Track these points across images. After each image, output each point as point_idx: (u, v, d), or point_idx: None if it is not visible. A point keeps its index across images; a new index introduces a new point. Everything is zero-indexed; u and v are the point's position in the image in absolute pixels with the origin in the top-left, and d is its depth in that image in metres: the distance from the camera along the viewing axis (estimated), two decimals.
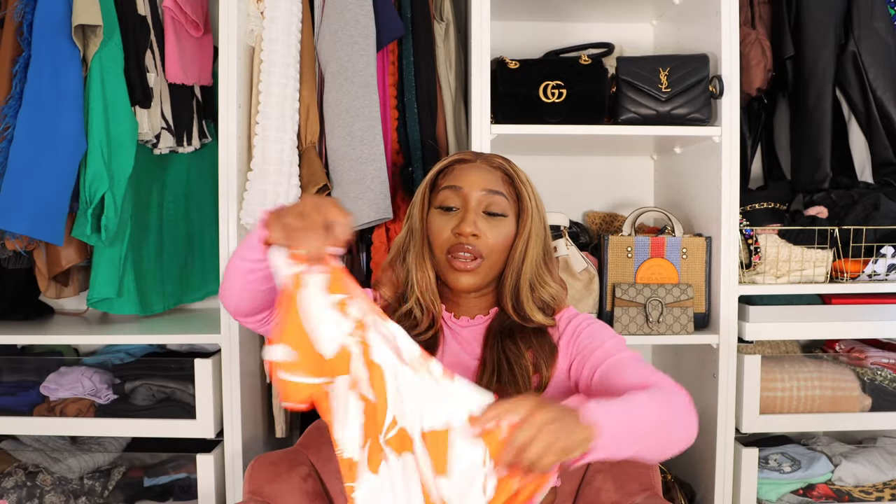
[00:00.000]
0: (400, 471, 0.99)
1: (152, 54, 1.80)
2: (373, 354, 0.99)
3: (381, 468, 1.00)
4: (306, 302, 0.98)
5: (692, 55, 1.80)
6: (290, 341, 0.99)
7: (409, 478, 0.99)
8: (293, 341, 0.99)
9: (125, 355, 1.95)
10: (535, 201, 1.24)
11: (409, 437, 0.98)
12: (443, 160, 1.28)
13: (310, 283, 0.98)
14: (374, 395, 0.99)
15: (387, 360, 0.99)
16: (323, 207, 0.97)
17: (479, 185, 1.21)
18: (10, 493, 1.81)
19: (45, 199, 1.65)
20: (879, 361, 1.90)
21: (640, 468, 1.45)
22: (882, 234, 1.80)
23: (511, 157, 1.31)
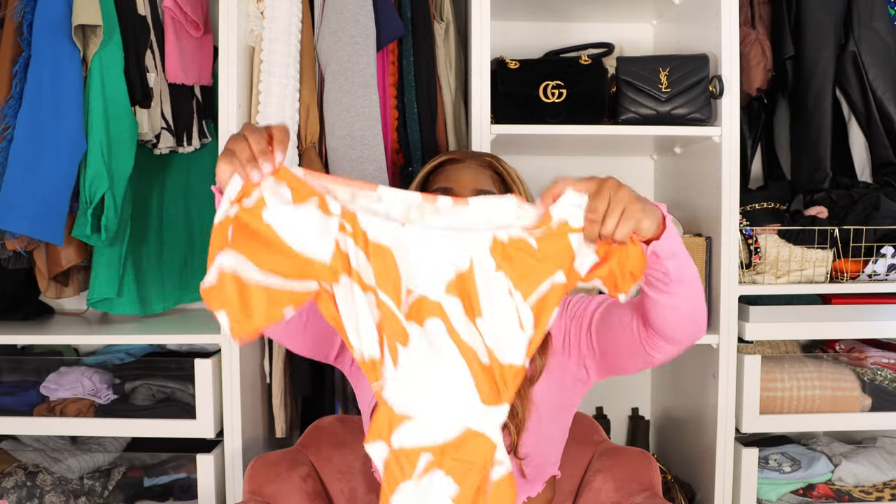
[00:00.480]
0: (426, 345, 0.97)
1: (152, 54, 1.80)
2: (372, 236, 0.97)
3: (402, 357, 0.97)
4: (280, 220, 0.95)
5: (692, 55, 1.80)
6: (262, 259, 0.95)
7: (438, 346, 0.97)
8: (268, 257, 0.95)
9: (125, 355, 1.95)
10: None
11: (431, 300, 0.97)
12: (432, 160, 1.28)
13: (272, 202, 0.95)
14: (382, 279, 0.97)
15: (388, 234, 0.97)
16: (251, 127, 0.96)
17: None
18: (10, 493, 1.81)
19: (45, 199, 1.65)
20: (879, 361, 1.90)
21: (641, 468, 1.45)
22: (882, 234, 1.80)
23: (511, 157, 1.32)
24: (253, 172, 0.94)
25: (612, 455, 1.50)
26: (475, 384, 0.97)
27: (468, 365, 0.97)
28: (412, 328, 0.98)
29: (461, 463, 0.97)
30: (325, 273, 0.97)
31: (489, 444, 0.97)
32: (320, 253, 0.97)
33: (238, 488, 1.72)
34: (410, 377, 0.98)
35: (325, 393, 1.89)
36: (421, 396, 0.98)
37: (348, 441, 1.56)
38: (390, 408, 0.98)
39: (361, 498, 1.51)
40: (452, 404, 0.98)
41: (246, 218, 0.96)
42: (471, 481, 0.96)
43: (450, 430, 0.97)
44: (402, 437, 0.98)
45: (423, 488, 0.96)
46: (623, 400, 2.30)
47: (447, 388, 0.98)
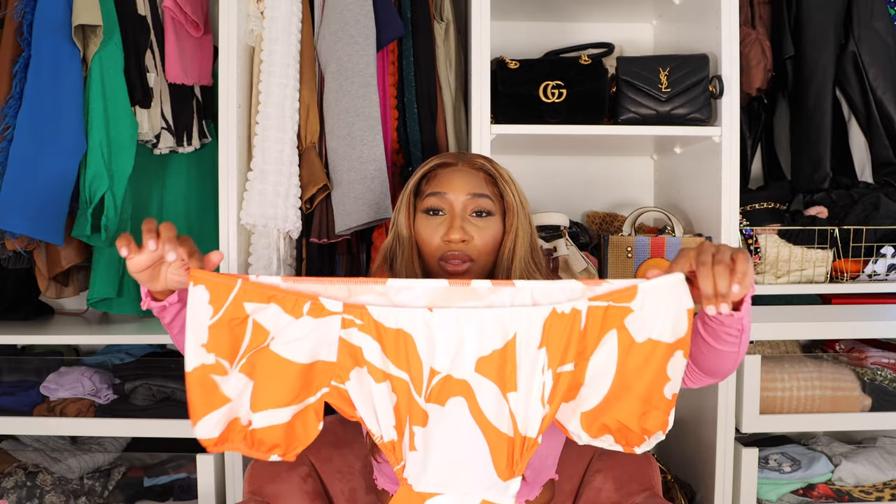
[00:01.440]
0: (446, 425, 1.01)
1: (152, 54, 1.80)
2: (389, 324, 1.00)
3: (418, 439, 1.01)
4: (279, 341, 0.98)
5: (692, 55, 1.80)
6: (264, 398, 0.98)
7: (458, 425, 1.00)
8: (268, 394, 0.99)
9: (125, 355, 1.95)
10: (520, 199, 1.25)
11: (457, 379, 1.00)
12: (424, 165, 1.28)
13: (256, 316, 0.98)
14: (401, 365, 1.00)
15: (409, 320, 0.99)
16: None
17: (464, 190, 1.22)
18: (10, 493, 1.81)
19: (45, 199, 1.65)
20: (879, 361, 1.90)
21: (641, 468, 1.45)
22: (882, 234, 1.80)
23: (511, 157, 1.32)
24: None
25: (612, 455, 1.50)
26: (492, 459, 1.02)
27: (487, 441, 1.02)
28: (432, 409, 1.01)
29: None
30: (334, 372, 1.00)
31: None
32: (322, 355, 1.00)
33: (238, 488, 1.72)
34: (429, 456, 1.02)
35: None
36: (440, 474, 1.03)
37: (348, 441, 1.56)
38: (410, 487, 1.03)
39: (362, 498, 1.50)
40: (470, 479, 1.02)
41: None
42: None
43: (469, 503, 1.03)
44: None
45: None
46: None
47: (465, 464, 1.02)
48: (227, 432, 0.99)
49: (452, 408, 1.00)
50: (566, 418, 1.03)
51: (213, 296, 0.96)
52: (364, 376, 1.01)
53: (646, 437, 1.01)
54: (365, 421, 1.02)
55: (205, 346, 0.96)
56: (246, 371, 0.98)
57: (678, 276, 0.97)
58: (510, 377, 1.00)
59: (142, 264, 0.97)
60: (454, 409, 1.00)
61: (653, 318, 0.97)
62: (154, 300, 1.04)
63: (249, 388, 0.99)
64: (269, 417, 0.99)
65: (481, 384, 1.00)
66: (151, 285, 1.00)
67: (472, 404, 1.01)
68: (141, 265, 0.97)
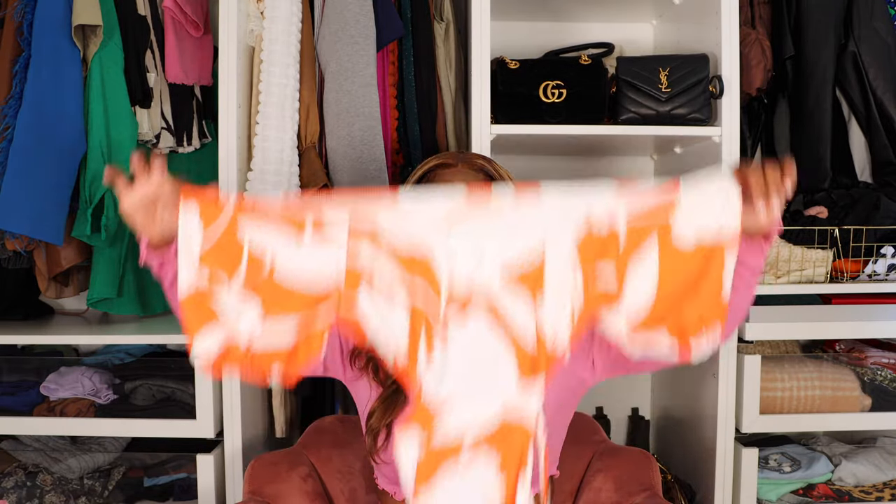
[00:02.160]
0: (468, 339, 0.99)
1: (152, 54, 1.80)
2: (401, 240, 0.98)
3: (437, 351, 0.99)
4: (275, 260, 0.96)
5: (692, 55, 1.80)
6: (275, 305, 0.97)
7: (480, 340, 0.99)
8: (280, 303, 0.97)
9: (125, 355, 1.95)
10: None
11: (478, 296, 0.99)
12: (422, 165, 1.27)
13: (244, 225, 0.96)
14: (415, 286, 0.98)
15: (422, 240, 0.98)
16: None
17: None
18: (10, 493, 1.81)
19: (45, 199, 1.65)
20: (879, 361, 1.90)
21: (641, 468, 1.45)
22: (882, 234, 1.80)
23: (511, 157, 1.31)
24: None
25: (612, 455, 1.50)
26: (517, 375, 0.99)
27: (511, 355, 0.99)
28: (452, 328, 0.99)
29: (503, 445, 1.00)
30: (343, 291, 0.98)
31: (525, 432, 1.00)
32: (328, 272, 0.98)
33: (238, 488, 1.72)
34: (447, 377, 1.00)
35: (325, 393, 1.89)
36: (458, 394, 1.00)
37: (348, 441, 1.56)
38: (426, 408, 1.00)
39: (362, 498, 1.50)
40: (491, 399, 1.00)
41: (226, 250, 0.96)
42: (513, 459, 1.00)
43: (489, 424, 1.00)
44: (443, 436, 1.00)
45: (471, 469, 0.99)
46: (623, 400, 2.30)
47: (486, 383, 1.00)
48: (226, 354, 0.97)
49: (473, 326, 0.99)
50: (611, 321, 1.00)
51: (205, 215, 0.95)
52: (375, 296, 0.99)
53: (703, 327, 0.97)
54: (376, 342, 1.00)
55: (197, 270, 0.95)
56: (245, 295, 0.96)
57: (719, 177, 0.97)
58: (539, 293, 0.98)
59: (135, 202, 0.96)
60: (475, 327, 0.99)
61: (697, 207, 0.96)
62: (153, 252, 1.02)
63: (248, 308, 0.97)
64: (275, 325, 0.97)
65: (508, 300, 0.98)
66: (147, 229, 0.98)
67: (494, 314, 0.99)
68: (134, 203, 0.96)
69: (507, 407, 1.00)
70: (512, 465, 0.99)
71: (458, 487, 0.99)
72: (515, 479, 0.99)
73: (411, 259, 0.98)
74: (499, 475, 0.99)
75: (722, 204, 0.95)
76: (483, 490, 0.99)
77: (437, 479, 0.99)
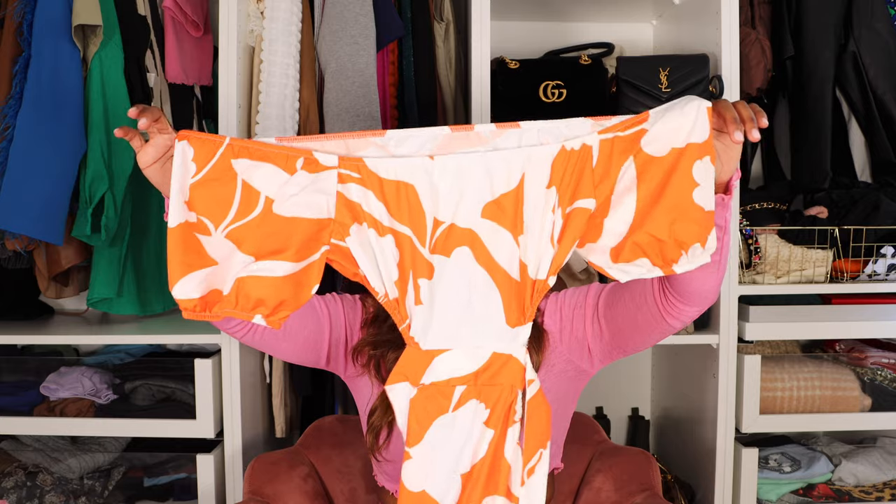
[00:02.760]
0: (452, 275, 1.00)
1: (152, 54, 1.81)
2: (387, 175, 0.98)
3: (424, 292, 1.00)
4: (263, 187, 0.96)
5: (692, 55, 1.80)
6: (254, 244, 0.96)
7: (466, 273, 1.00)
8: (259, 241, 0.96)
9: (125, 355, 1.95)
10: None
11: (461, 227, 0.99)
12: None
13: (242, 168, 0.96)
14: (402, 218, 0.99)
15: (409, 170, 0.98)
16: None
17: None
18: (10, 493, 1.81)
19: (45, 199, 1.65)
20: (879, 361, 1.90)
21: (641, 468, 1.45)
22: (882, 234, 1.80)
23: None
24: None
25: (612, 455, 1.50)
26: (503, 306, 1.00)
27: (497, 286, 1.00)
28: (437, 260, 1.00)
29: (493, 387, 1.01)
30: (333, 228, 0.98)
31: (517, 365, 1.01)
32: (319, 211, 0.98)
33: (238, 488, 1.72)
34: (436, 311, 1.01)
35: (325, 392, 1.89)
36: (447, 328, 1.01)
37: (348, 441, 1.56)
38: (416, 345, 1.02)
39: (362, 498, 1.51)
40: (479, 331, 1.01)
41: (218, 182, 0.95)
42: (502, 403, 1.00)
43: (479, 356, 1.01)
44: (434, 373, 1.01)
45: (460, 419, 1.00)
46: (623, 400, 2.30)
47: (474, 315, 1.01)
48: (209, 298, 0.96)
49: (458, 257, 1.00)
50: (596, 256, 0.98)
51: (198, 152, 0.95)
52: (364, 232, 0.99)
53: (682, 251, 0.93)
54: (368, 278, 1.01)
55: (187, 203, 0.94)
56: (234, 237, 0.96)
57: (689, 96, 0.94)
58: (519, 219, 0.98)
59: (149, 156, 0.98)
60: (460, 258, 1.00)
61: (669, 131, 0.93)
62: None
63: (236, 255, 0.96)
64: (263, 268, 0.96)
65: (489, 229, 0.99)
66: (165, 186, 1.00)
67: (479, 252, 0.99)
68: (149, 157, 0.98)
69: (497, 335, 1.01)
70: (501, 408, 1.00)
71: (451, 423, 1.00)
72: (506, 415, 1.00)
73: (398, 183, 0.99)
74: (489, 421, 1.00)
75: (692, 122, 0.92)
76: (472, 427, 1.00)
77: (430, 423, 1.00)
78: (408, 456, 1.01)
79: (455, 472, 1.01)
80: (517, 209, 0.99)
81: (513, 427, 1.01)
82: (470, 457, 1.01)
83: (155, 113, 0.97)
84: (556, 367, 1.22)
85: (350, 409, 1.87)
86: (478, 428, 1.01)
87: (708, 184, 0.92)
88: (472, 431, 1.01)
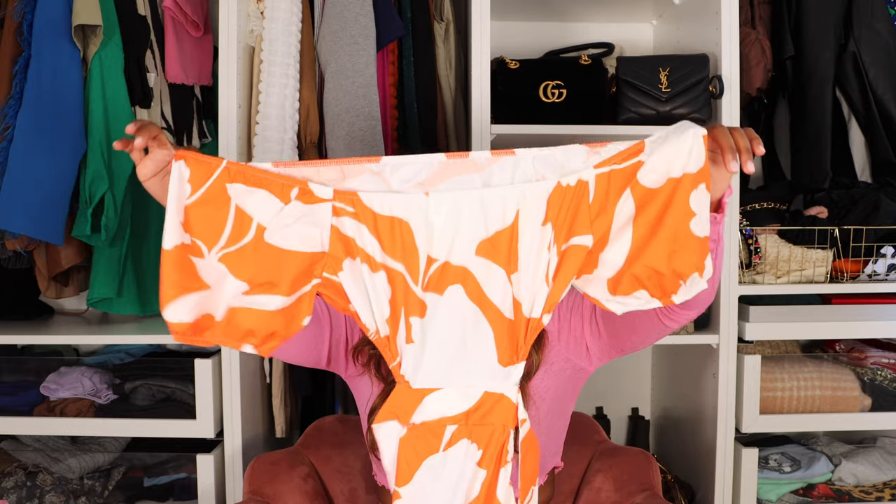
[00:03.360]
0: (445, 313, 0.99)
1: (152, 54, 1.80)
2: (382, 211, 0.97)
3: (415, 330, 0.99)
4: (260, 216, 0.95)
5: (692, 55, 1.80)
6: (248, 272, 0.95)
7: (458, 312, 0.99)
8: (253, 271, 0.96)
9: (125, 355, 1.95)
10: None
11: (455, 266, 0.98)
12: None
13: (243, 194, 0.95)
14: (396, 255, 0.98)
15: (404, 206, 0.97)
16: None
17: None
18: (10, 493, 1.81)
19: (46, 199, 1.65)
20: (879, 361, 1.90)
21: (641, 468, 1.45)
22: (882, 234, 1.80)
23: None
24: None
25: (612, 455, 1.50)
26: (495, 345, 0.99)
27: (490, 324, 0.99)
28: (430, 298, 0.99)
29: (484, 427, 1.00)
30: (326, 262, 0.97)
31: (509, 404, 1.00)
32: (312, 243, 0.97)
33: (238, 488, 1.72)
34: (427, 349, 1.00)
35: (325, 392, 1.89)
36: (439, 367, 1.00)
37: (348, 441, 1.56)
38: (407, 384, 1.01)
39: (362, 498, 1.51)
40: (471, 370, 1.00)
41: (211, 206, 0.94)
42: (494, 443, 1.00)
43: (470, 395, 1.00)
44: (424, 412, 1.00)
45: (451, 458, 0.99)
46: (623, 400, 2.30)
47: (466, 354, 1.00)
48: (201, 323, 0.95)
49: (451, 296, 0.99)
50: (592, 289, 0.97)
51: (194, 174, 0.94)
52: (357, 267, 0.98)
53: (680, 281, 0.93)
54: (359, 314, 1.00)
55: (182, 224, 0.94)
56: (228, 262, 0.95)
57: (685, 122, 0.93)
58: (513, 257, 0.97)
59: (148, 170, 0.98)
60: (453, 297, 0.99)
61: (665, 161, 0.92)
62: None
63: (228, 280, 0.95)
64: (256, 302, 0.96)
65: (483, 268, 0.98)
66: (163, 198, 1.00)
67: (472, 290, 0.98)
68: (148, 171, 0.98)
69: (489, 374, 1.00)
70: (494, 441, 1.00)
71: (441, 464, 1.00)
72: (499, 456, 1.00)
73: (392, 219, 0.98)
74: (479, 452, 1.00)
75: (687, 152, 0.92)
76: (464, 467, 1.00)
77: (419, 463, 1.00)
78: (397, 496, 1.00)
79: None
80: (511, 246, 0.98)
81: (505, 467, 1.00)
82: (463, 498, 1.00)
83: (152, 130, 0.97)
84: (555, 365, 1.22)
85: (350, 409, 1.87)
86: (470, 468, 1.00)
87: (704, 211, 0.92)
88: (465, 472, 1.00)
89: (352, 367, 1.26)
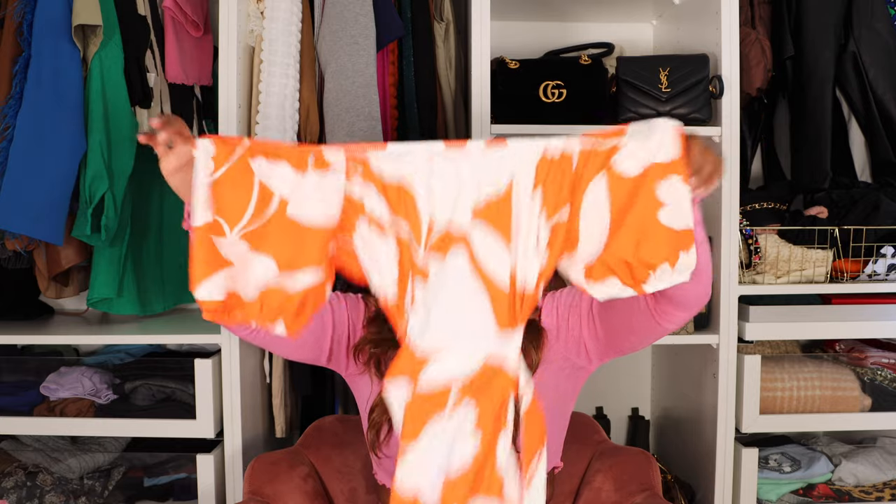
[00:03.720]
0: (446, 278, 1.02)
1: (152, 54, 1.80)
2: (388, 179, 1.01)
3: (418, 295, 1.02)
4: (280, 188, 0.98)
5: (692, 55, 1.80)
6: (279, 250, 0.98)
7: (459, 278, 1.02)
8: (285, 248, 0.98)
9: (125, 355, 1.95)
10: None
11: (455, 232, 1.01)
12: None
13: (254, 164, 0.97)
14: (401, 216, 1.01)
15: (408, 172, 1.01)
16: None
17: None
18: (10, 493, 1.81)
19: (45, 199, 1.65)
20: (879, 361, 1.90)
21: (641, 468, 1.45)
22: (882, 234, 1.80)
23: None
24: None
25: (612, 455, 1.50)
26: (493, 309, 1.02)
27: (488, 292, 1.01)
28: (434, 261, 1.02)
29: (485, 390, 1.02)
30: (341, 226, 1.01)
31: (511, 368, 1.03)
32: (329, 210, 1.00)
33: (238, 488, 1.72)
34: (432, 312, 1.03)
35: (325, 392, 1.89)
36: (441, 332, 1.03)
37: (348, 441, 1.56)
38: (412, 352, 1.03)
39: (362, 498, 1.51)
40: (472, 335, 1.03)
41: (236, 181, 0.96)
42: (493, 406, 1.02)
43: (472, 361, 1.03)
44: (429, 377, 1.03)
45: (454, 419, 1.02)
46: (623, 400, 2.30)
47: (467, 318, 1.03)
48: (229, 302, 0.97)
49: (453, 259, 1.02)
50: (570, 270, 1.00)
51: (220, 151, 0.97)
52: (368, 228, 1.02)
53: (650, 271, 0.94)
54: (369, 275, 1.03)
55: (207, 201, 0.96)
56: (249, 239, 0.97)
57: (662, 118, 0.96)
58: (506, 226, 1.00)
59: (171, 164, 0.99)
60: (455, 260, 1.02)
61: (636, 150, 0.94)
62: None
63: (253, 258, 0.97)
64: (286, 281, 0.98)
65: (481, 233, 1.01)
66: (186, 193, 1.00)
67: (471, 256, 1.02)
68: (171, 165, 0.99)
69: (489, 345, 1.03)
70: (492, 411, 1.02)
71: (444, 430, 1.02)
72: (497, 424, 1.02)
73: (399, 187, 1.01)
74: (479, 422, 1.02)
75: (657, 143, 0.93)
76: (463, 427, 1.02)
77: (424, 423, 1.02)
78: (402, 452, 1.02)
79: (444, 471, 1.02)
80: (505, 216, 1.01)
81: (504, 430, 1.02)
82: (460, 456, 1.02)
83: (177, 125, 0.99)
84: (555, 364, 1.22)
85: (350, 409, 1.87)
86: (468, 428, 1.02)
87: (678, 202, 0.92)
88: (464, 431, 1.02)
89: (352, 366, 1.26)
